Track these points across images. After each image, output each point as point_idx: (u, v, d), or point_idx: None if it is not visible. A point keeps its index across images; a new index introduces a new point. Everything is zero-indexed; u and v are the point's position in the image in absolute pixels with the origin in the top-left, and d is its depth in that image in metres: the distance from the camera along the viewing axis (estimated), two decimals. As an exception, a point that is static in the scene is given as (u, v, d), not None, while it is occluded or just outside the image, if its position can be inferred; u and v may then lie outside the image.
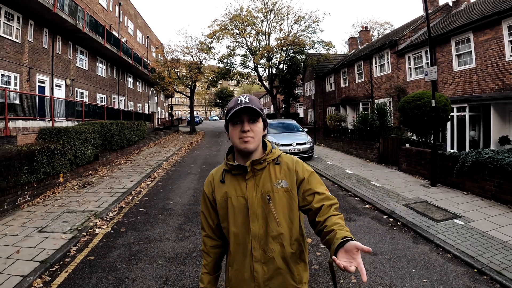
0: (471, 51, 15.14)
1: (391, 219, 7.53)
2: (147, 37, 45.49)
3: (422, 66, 18.88)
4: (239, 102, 1.97)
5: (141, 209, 8.79)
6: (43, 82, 19.10)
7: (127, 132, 18.56)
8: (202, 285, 2.21)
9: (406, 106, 12.07)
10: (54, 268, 5.44)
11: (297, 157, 2.22)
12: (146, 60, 39.63)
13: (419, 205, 8.24)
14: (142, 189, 11.25)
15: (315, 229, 2.00)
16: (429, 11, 23.78)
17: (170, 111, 56.19)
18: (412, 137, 14.31)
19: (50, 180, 10.55)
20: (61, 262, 5.68)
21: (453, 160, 9.64)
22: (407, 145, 13.22)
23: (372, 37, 43.36)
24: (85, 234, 6.94)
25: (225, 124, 2.10)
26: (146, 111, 43.01)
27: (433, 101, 10.04)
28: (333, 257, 1.55)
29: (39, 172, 9.63)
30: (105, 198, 9.73)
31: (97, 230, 7.20)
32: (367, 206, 8.69)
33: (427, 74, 10.10)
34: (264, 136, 2.12)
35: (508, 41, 13.27)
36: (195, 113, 51.11)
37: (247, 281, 2.06)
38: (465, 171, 9.15)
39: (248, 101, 1.96)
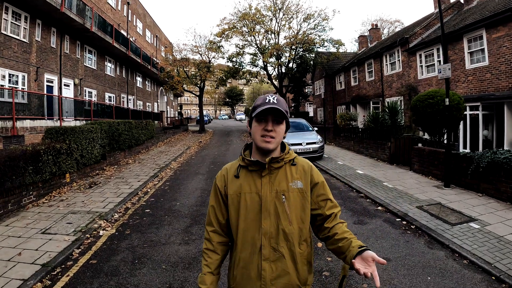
0: (483, 49, 14.85)
1: (404, 222, 7.26)
2: (156, 36, 45.46)
3: (433, 64, 18.61)
4: (267, 101, 2.02)
5: (147, 210, 8.62)
6: (51, 82, 19.07)
7: (135, 131, 18.47)
8: (204, 286, 2.11)
9: (419, 105, 11.81)
10: (56, 272, 5.28)
11: (307, 156, 2.34)
12: (155, 59, 39.57)
13: (433, 207, 7.97)
14: (149, 190, 11.10)
15: (319, 233, 2.16)
16: (441, 7, 23.41)
17: (179, 110, 56.24)
18: (424, 137, 14.05)
19: (56, 180, 10.45)
20: (63, 266, 5.53)
21: (468, 161, 9.35)
22: (420, 144, 12.93)
23: (382, 35, 43.00)
24: (89, 236, 6.78)
25: (249, 119, 2.14)
26: (155, 110, 42.97)
27: (447, 100, 9.75)
28: (353, 260, 1.78)
29: (44, 172, 9.53)
30: (111, 198, 9.59)
31: (101, 232, 7.04)
32: (379, 208, 8.43)
33: (440, 72, 9.83)
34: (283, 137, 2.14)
35: (523, 38, 12.97)
36: (204, 112, 51.03)
37: (253, 279, 2.04)
38: (480, 172, 8.86)
39: (276, 102, 2.01)
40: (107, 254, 5.96)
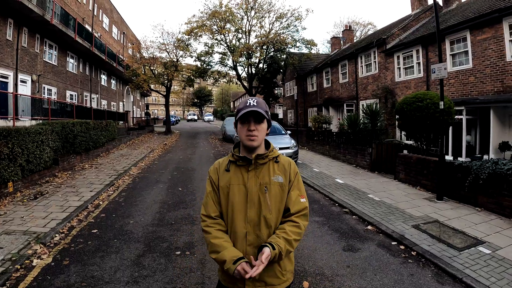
0: (467, 51, 14.29)
1: (402, 247, 6.14)
2: (123, 33, 43.71)
3: (412, 66, 18.07)
4: (247, 104, 2.28)
5: (94, 231, 7.20)
6: (6, 77, 17.36)
7: (93, 132, 16.95)
8: (226, 252, 2.19)
9: (406, 108, 10.92)
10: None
11: None
12: (121, 57, 37.98)
13: (431, 226, 6.95)
14: (101, 202, 9.67)
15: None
16: (417, 10, 23.01)
17: (146, 110, 54.60)
18: (405, 142, 13.30)
19: (-5, 190, 9.01)
20: (-23, 313, 4.21)
21: (464, 171, 8.43)
22: (405, 151, 12.05)
23: (355, 38, 42.81)
24: (19, 267, 5.39)
25: (235, 122, 2.38)
26: (121, 110, 41.15)
27: (441, 103, 8.80)
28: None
29: (-21, 182, 8.09)
30: (55, 214, 8.14)
31: (35, 262, 5.64)
32: (369, 227, 7.29)
33: (434, 72, 8.88)
34: (266, 134, 2.39)
35: (509, 40, 12.51)
36: (172, 112, 49.50)
37: None
38: (478, 184, 7.94)
39: (255, 104, 2.27)
40: (34, 295, 4.61)
